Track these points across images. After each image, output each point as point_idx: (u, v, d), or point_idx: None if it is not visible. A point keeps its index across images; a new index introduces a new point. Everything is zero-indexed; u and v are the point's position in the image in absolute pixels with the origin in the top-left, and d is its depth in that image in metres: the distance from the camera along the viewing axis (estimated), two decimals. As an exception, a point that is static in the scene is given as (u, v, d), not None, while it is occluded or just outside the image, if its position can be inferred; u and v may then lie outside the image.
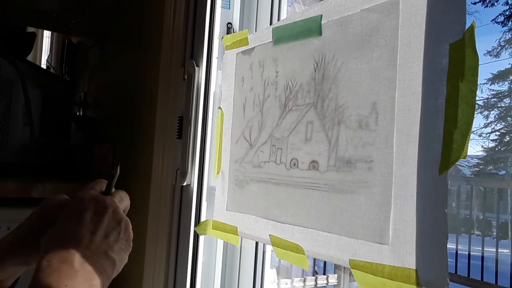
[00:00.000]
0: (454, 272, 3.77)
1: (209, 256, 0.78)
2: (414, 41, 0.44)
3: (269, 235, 0.61)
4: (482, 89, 10.10)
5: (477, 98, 0.39)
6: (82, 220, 0.46)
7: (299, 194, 0.57)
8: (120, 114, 1.23)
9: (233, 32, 0.78)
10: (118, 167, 0.54)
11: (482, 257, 3.71)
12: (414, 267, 0.42)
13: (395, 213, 0.45)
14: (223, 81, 0.76)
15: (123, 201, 0.53)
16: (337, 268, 3.20)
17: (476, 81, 0.39)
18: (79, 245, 0.44)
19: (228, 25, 0.79)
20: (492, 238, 5.14)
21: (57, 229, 0.46)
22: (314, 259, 2.76)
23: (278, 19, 0.79)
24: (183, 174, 0.77)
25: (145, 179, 0.91)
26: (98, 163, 1.15)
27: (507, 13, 8.64)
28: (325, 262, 3.19)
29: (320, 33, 0.57)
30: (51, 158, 1.30)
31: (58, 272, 0.40)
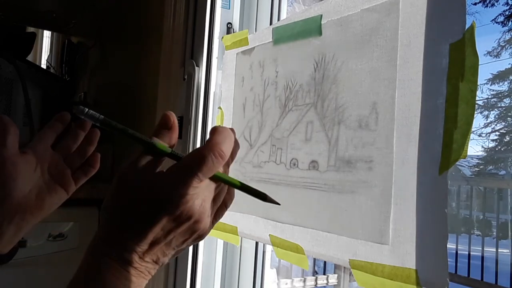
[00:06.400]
0: (454, 272, 3.77)
1: (209, 256, 0.78)
2: (414, 41, 0.44)
3: (269, 235, 0.61)
4: (482, 89, 10.13)
5: (477, 98, 0.39)
6: (154, 222, 0.37)
7: (299, 194, 0.57)
8: (120, 114, 1.23)
9: (233, 32, 0.78)
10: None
11: (482, 257, 3.70)
12: (414, 267, 0.42)
13: (395, 213, 0.45)
14: (223, 81, 0.76)
15: (225, 145, 0.39)
16: (337, 268, 3.19)
17: (476, 81, 0.39)
18: (141, 250, 0.38)
19: (228, 25, 0.79)
20: (492, 238, 5.13)
21: (125, 216, 0.39)
22: (314, 259, 2.76)
23: (278, 19, 0.79)
24: (183, 174, 0.77)
25: (145, 179, 0.91)
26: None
27: (507, 13, 8.65)
28: (325, 262, 3.19)
29: (320, 33, 0.57)
30: (51, 158, 1.30)
31: (119, 274, 0.38)
